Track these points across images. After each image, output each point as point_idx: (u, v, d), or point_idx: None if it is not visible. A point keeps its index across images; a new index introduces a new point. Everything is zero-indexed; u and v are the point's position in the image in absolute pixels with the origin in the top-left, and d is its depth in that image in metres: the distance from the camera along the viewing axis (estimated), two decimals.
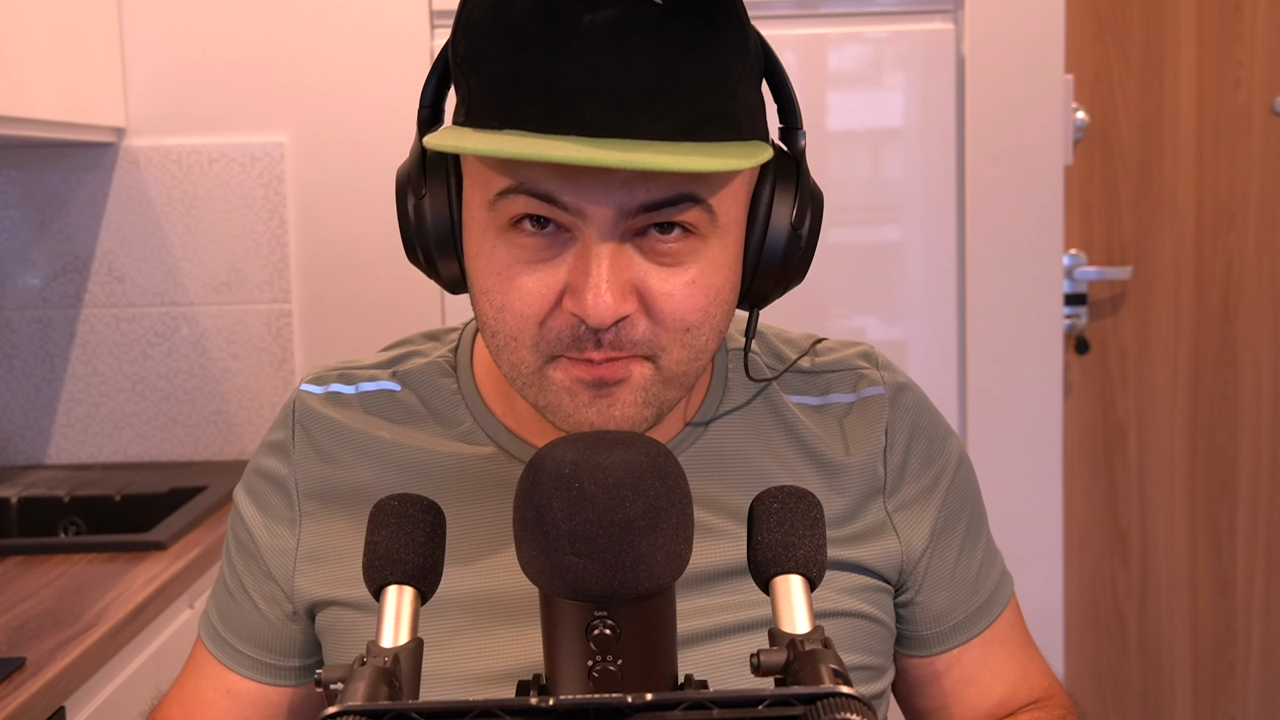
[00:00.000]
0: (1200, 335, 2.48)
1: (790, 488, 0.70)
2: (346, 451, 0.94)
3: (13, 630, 1.44)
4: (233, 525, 0.99)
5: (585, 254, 0.76)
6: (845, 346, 1.00)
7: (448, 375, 0.96)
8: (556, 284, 0.78)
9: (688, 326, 0.80)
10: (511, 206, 0.77)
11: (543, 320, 0.79)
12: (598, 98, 0.73)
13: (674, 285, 0.79)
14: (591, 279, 0.76)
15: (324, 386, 0.97)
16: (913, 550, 0.94)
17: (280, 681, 0.97)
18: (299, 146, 2.24)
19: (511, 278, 0.79)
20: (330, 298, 2.26)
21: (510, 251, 0.79)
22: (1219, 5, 2.41)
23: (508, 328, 0.80)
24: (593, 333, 0.78)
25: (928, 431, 0.98)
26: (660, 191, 0.76)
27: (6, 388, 2.28)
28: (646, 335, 0.79)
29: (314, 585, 0.93)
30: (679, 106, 0.75)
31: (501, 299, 0.79)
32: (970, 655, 0.98)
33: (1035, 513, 2.26)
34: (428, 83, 0.85)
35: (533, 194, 0.76)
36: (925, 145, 2.23)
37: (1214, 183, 2.45)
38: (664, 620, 0.64)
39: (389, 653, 0.62)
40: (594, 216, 0.76)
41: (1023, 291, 2.23)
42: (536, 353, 0.80)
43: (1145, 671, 2.55)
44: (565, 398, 0.80)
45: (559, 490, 0.61)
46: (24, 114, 1.87)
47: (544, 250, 0.78)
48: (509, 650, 0.87)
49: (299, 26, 2.22)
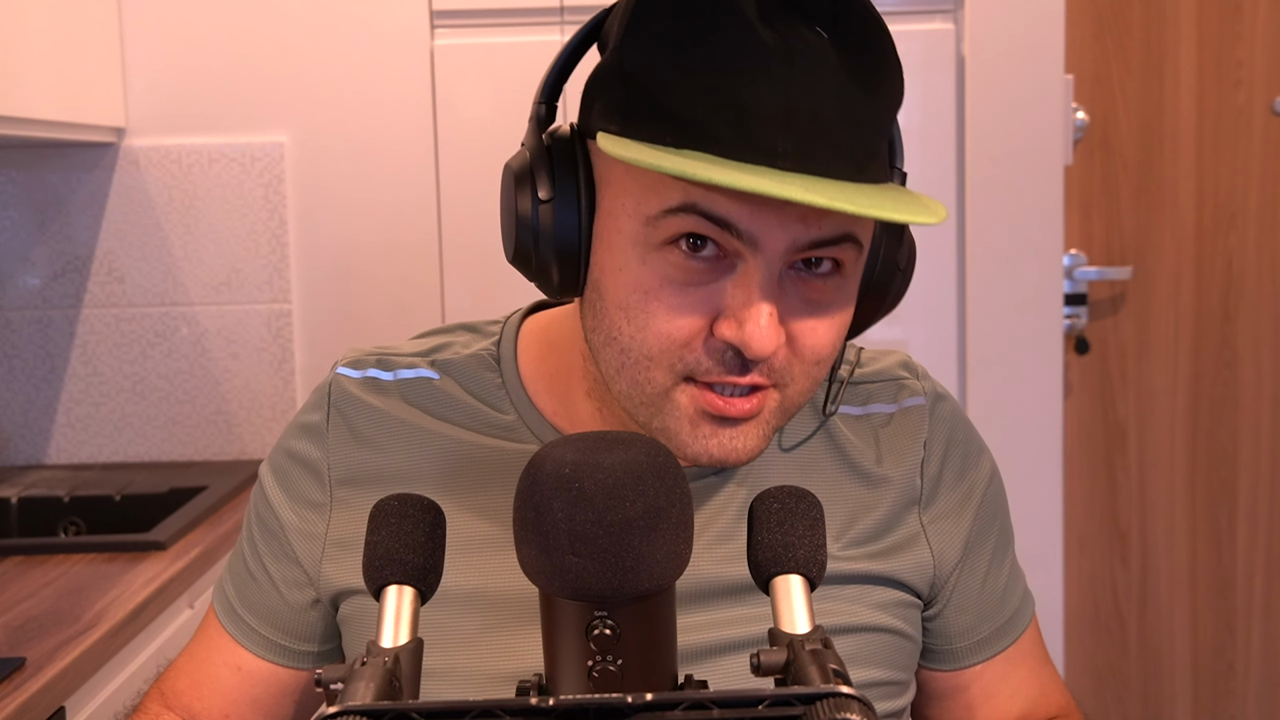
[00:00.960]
0: (1200, 335, 2.48)
1: (790, 488, 0.70)
2: (385, 437, 0.92)
3: (13, 630, 1.44)
4: (256, 504, 0.96)
5: (749, 283, 0.75)
6: (884, 355, 1.00)
7: (490, 369, 0.94)
8: (708, 309, 0.76)
9: (819, 360, 0.80)
10: (678, 224, 0.75)
11: (687, 343, 0.77)
12: (793, 127, 0.72)
13: (819, 322, 0.78)
14: (755, 310, 0.74)
15: (361, 371, 0.95)
16: (945, 563, 0.94)
17: (293, 664, 0.96)
18: (299, 146, 2.24)
19: (660, 297, 0.76)
20: (330, 298, 2.26)
21: (662, 270, 0.76)
22: (1219, 5, 2.41)
23: (646, 346, 0.78)
24: (740, 360, 0.77)
25: (964, 444, 0.97)
26: (830, 230, 0.75)
27: (6, 388, 2.28)
28: (785, 365, 0.79)
29: (342, 573, 0.91)
30: (855, 144, 0.74)
31: (645, 317, 0.77)
32: (993, 671, 0.98)
33: (1035, 513, 2.26)
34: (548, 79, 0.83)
35: (707, 215, 0.74)
36: (925, 145, 2.23)
37: (1214, 183, 2.45)
38: (664, 620, 0.64)
39: (389, 653, 0.62)
40: (766, 247, 0.74)
41: (1023, 291, 2.23)
42: (671, 374, 0.78)
43: (1145, 671, 2.55)
44: (685, 425, 0.79)
45: (559, 490, 0.61)
46: (24, 114, 1.87)
47: (699, 273, 0.76)
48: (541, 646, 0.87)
49: (299, 26, 2.22)
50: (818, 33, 0.73)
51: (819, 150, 0.72)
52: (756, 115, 0.72)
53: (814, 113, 0.72)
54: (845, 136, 0.73)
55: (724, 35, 0.72)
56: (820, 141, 0.72)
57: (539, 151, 0.81)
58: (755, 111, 0.72)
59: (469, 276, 2.23)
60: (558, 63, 0.83)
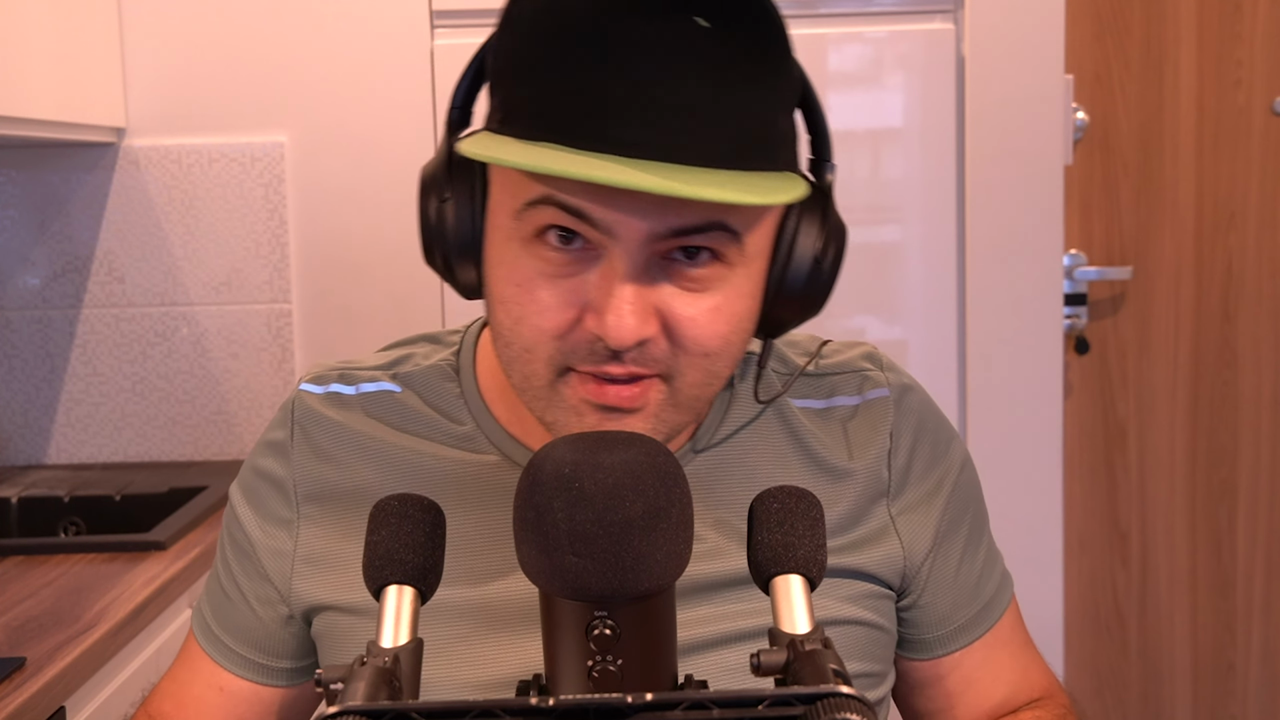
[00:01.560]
0: (1200, 335, 2.48)
1: (790, 488, 0.70)
2: (347, 453, 0.93)
3: (13, 630, 1.44)
4: (228, 524, 0.98)
5: (610, 273, 0.75)
6: (849, 348, 1.00)
7: (450, 379, 0.95)
8: (578, 300, 0.77)
9: (707, 352, 0.79)
10: (539, 217, 0.76)
11: (561, 335, 0.78)
12: (644, 117, 0.72)
13: (697, 311, 0.78)
14: (614, 300, 0.75)
15: (324, 386, 0.96)
16: (915, 555, 0.94)
17: (273, 682, 0.97)
18: (299, 146, 2.24)
19: (532, 290, 0.77)
20: (330, 298, 2.26)
21: (533, 263, 0.77)
22: (1219, 5, 2.41)
23: (523, 339, 0.79)
24: (610, 349, 0.77)
25: (932, 433, 0.97)
26: (693, 218, 0.75)
27: (6, 388, 2.28)
28: (666, 355, 0.78)
29: (312, 589, 0.92)
30: (722, 134, 0.73)
31: (520, 310, 0.78)
32: (972, 658, 0.98)
33: (1035, 513, 2.26)
34: (460, 83, 0.84)
35: (563, 207, 0.74)
36: (925, 145, 2.23)
37: (1214, 183, 2.45)
38: (664, 620, 0.64)
39: (389, 653, 0.62)
40: (624, 237, 0.74)
41: (1023, 291, 2.23)
42: (550, 366, 0.79)
43: (1145, 671, 2.55)
44: (572, 416, 0.80)
45: (559, 490, 0.61)
46: (24, 114, 1.87)
47: (568, 265, 0.77)
48: (510, 658, 0.87)
49: (299, 26, 2.22)
50: (696, 22, 0.73)
51: (679, 139, 0.72)
52: (609, 105, 0.72)
53: (674, 102, 0.72)
54: (713, 125, 0.73)
55: (585, 29, 0.73)
56: (680, 131, 0.72)
57: (443, 155, 0.83)
58: (608, 102, 0.72)
59: None
60: (470, 67, 0.84)
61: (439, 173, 0.82)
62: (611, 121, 0.72)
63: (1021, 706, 0.99)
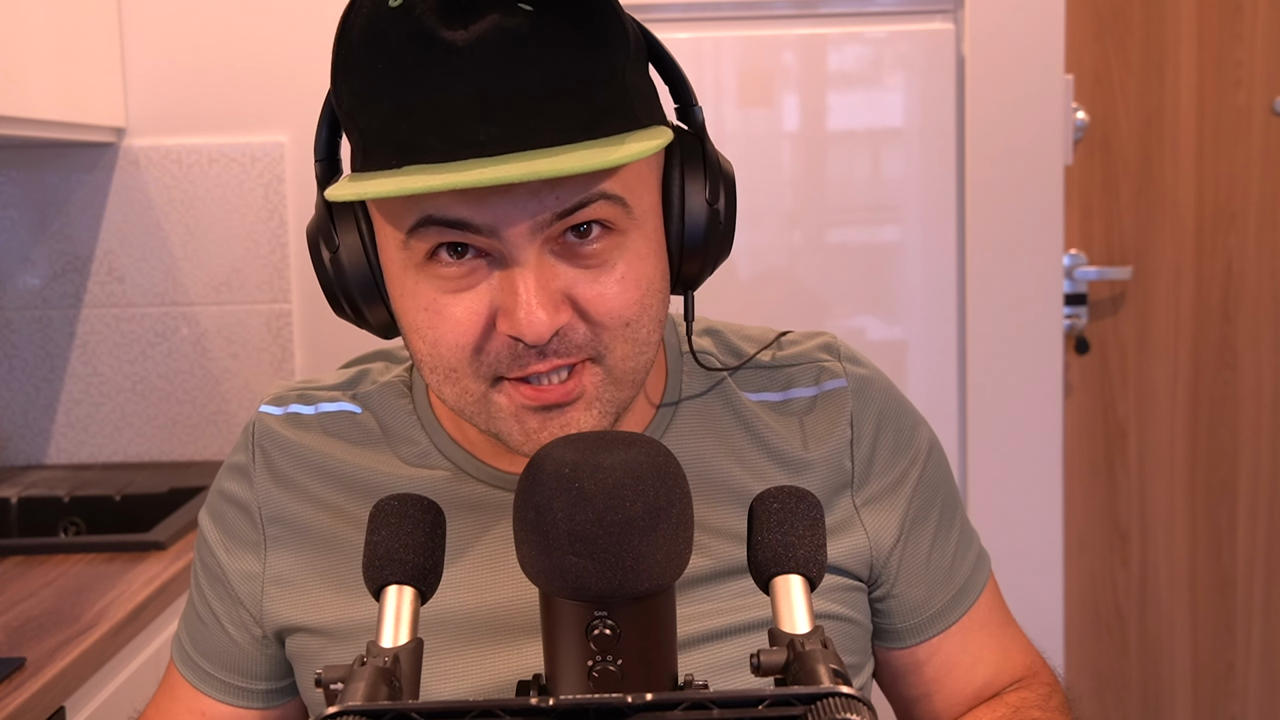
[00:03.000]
0: (1200, 335, 2.48)
1: (790, 488, 0.70)
2: (305, 474, 0.93)
3: (13, 630, 1.44)
4: (199, 549, 0.98)
5: (509, 274, 0.76)
6: (807, 339, 0.99)
7: (403, 395, 0.95)
8: (485, 308, 0.77)
9: (626, 322, 0.79)
10: (424, 240, 0.76)
11: (478, 347, 0.78)
12: (490, 114, 0.72)
13: (604, 286, 0.78)
14: (521, 297, 0.75)
15: (283, 407, 0.97)
16: (881, 545, 0.93)
17: (252, 705, 0.97)
18: (299, 146, 2.24)
19: (439, 310, 0.78)
20: None
21: (433, 284, 0.78)
22: (1219, 5, 2.41)
23: (445, 361, 0.79)
24: (531, 348, 0.77)
25: (895, 421, 0.96)
26: (569, 196, 0.75)
27: (6, 388, 2.28)
28: (587, 338, 0.78)
29: (282, 610, 0.92)
30: (572, 107, 0.74)
31: (433, 334, 0.78)
32: (951, 642, 0.97)
33: (1035, 513, 2.26)
34: (318, 136, 0.84)
35: (443, 223, 0.75)
36: (925, 145, 2.23)
37: (1214, 183, 2.45)
38: (664, 620, 0.64)
39: (389, 653, 0.62)
40: (509, 235, 0.75)
41: (1023, 291, 2.23)
42: (479, 379, 0.79)
43: (1145, 671, 2.55)
44: (514, 424, 0.80)
45: (559, 490, 0.61)
46: (24, 114, 1.87)
47: (466, 277, 0.77)
48: (478, 669, 0.87)
49: (299, 26, 2.22)
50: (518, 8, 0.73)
51: (531, 124, 0.73)
52: (452, 114, 0.72)
53: (513, 92, 0.72)
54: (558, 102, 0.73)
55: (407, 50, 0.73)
56: (527, 118, 0.73)
57: (321, 208, 0.83)
58: (452, 110, 0.72)
59: None
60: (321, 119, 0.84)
61: (321, 226, 0.83)
62: (460, 128, 0.72)
63: (1005, 688, 0.99)
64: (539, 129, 0.73)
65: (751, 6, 2.24)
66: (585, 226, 0.77)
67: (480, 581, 0.88)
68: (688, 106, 0.85)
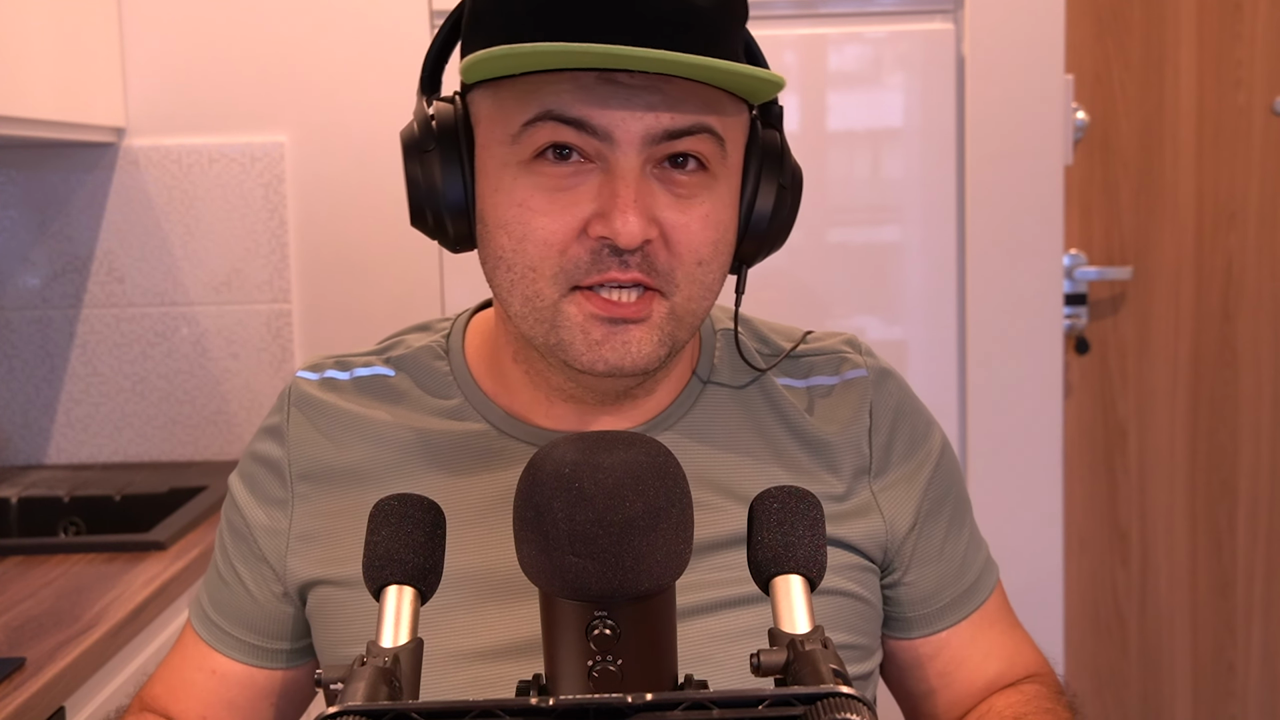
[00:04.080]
0: (1200, 335, 2.48)
1: (790, 487, 0.71)
2: (341, 431, 0.95)
3: (13, 630, 1.44)
4: (226, 510, 1.00)
5: (612, 178, 0.79)
6: (830, 335, 1.02)
7: (439, 358, 0.97)
8: (581, 212, 0.80)
9: (700, 260, 0.82)
10: (538, 136, 0.79)
11: (565, 248, 0.80)
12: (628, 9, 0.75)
13: (690, 217, 0.81)
14: (620, 200, 0.78)
15: (319, 373, 0.99)
16: (897, 530, 0.95)
17: (267, 664, 0.98)
18: (299, 146, 2.24)
19: (534, 206, 0.80)
20: (330, 298, 2.26)
21: (533, 180, 0.80)
22: (1219, 5, 2.41)
23: (527, 258, 0.81)
24: (617, 255, 0.79)
25: (910, 418, 0.99)
26: (683, 119, 0.79)
27: (6, 388, 2.28)
28: (665, 265, 0.81)
29: (306, 565, 0.93)
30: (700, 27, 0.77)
31: (522, 229, 0.81)
32: (960, 637, 0.98)
33: (1035, 513, 2.26)
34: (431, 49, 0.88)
35: (561, 119, 0.78)
36: (925, 145, 2.23)
37: (1214, 183, 2.45)
38: (664, 620, 0.64)
39: (389, 653, 0.62)
40: (622, 139, 0.78)
41: (1023, 291, 2.23)
42: (555, 284, 0.81)
43: (1145, 671, 2.55)
44: (579, 335, 0.82)
45: (559, 490, 0.61)
46: (24, 114, 1.87)
47: (566, 179, 0.80)
48: (500, 625, 0.88)
49: (299, 26, 2.22)
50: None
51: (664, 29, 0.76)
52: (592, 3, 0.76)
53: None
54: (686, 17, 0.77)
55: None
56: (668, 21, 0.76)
57: (421, 114, 0.86)
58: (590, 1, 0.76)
59: (469, 276, 2.23)
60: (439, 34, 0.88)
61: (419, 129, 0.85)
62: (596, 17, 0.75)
63: (1014, 683, 1.00)
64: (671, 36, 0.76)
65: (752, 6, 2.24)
66: (683, 159, 0.81)
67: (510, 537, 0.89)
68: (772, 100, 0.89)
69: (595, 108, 0.77)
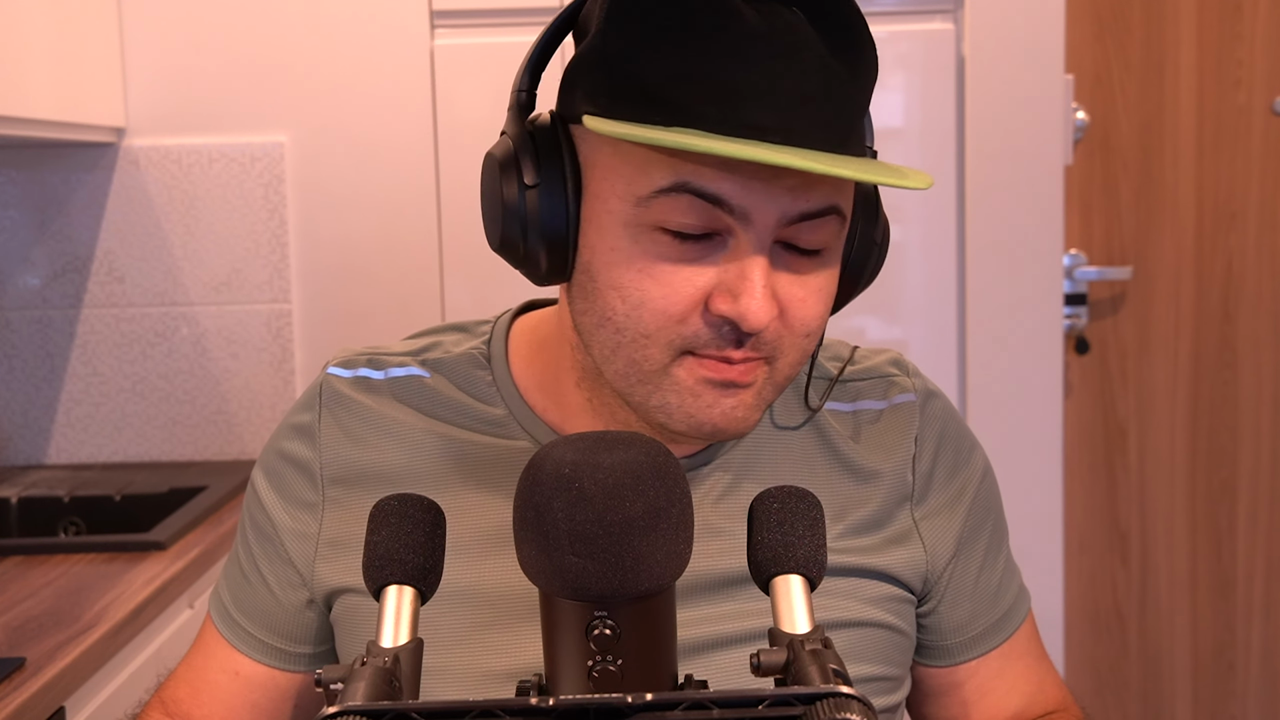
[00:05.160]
0: (1200, 335, 2.48)
1: (790, 488, 0.70)
2: (376, 435, 0.92)
3: (13, 630, 1.44)
4: (249, 507, 0.97)
5: (742, 256, 0.77)
6: (875, 354, 1.00)
7: (481, 367, 0.94)
8: (704, 283, 0.78)
9: (809, 332, 0.81)
10: (671, 206, 0.76)
11: (684, 319, 0.78)
12: (775, 102, 0.74)
13: (806, 292, 0.80)
14: (752, 284, 0.76)
15: (352, 370, 0.95)
16: (938, 560, 0.94)
17: (290, 667, 0.96)
18: (299, 146, 2.24)
19: (655, 275, 0.78)
20: (330, 298, 2.26)
21: (655, 248, 0.78)
22: (1219, 5, 2.41)
23: (642, 324, 0.79)
24: (736, 333, 0.78)
25: (955, 440, 0.97)
26: (817, 202, 0.77)
27: (6, 388, 2.28)
28: (775, 338, 0.80)
29: (335, 572, 0.91)
30: (836, 119, 0.76)
31: (640, 295, 0.78)
32: (989, 667, 0.98)
33: (1035, 513, 2.26)
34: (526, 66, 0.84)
35: (697, 193, 0.75)
36: (925, 145, 2.23)
37: (1214, 183, 2.45)
38: (664, 620, 0.64)
39: (389, 653, 0.62)
40: (757, 221, 0.76)
41: (1023, 291, 2.23)
42: (668, 350, 0.79)
43: (1145, 671, 2.55)
44: (688, 398, 0.80)
45: (559, 490, 0.61)
46: (24, 114, 1.87)
47: (691, 250, 0.78)
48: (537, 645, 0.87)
49: (299, 26, 2.22)
50: (795, 11, 0.75)
51: (803, 125, 0.74)
52: (741, 93, 0.74)
53: (797, 90, 0.74)
54: (827, 112, 0.75)
55: (706, 17, 0.74)
56: (804, 117, 0.74)
57: (522, 138, 0.82)
58: (740, 89, 0.74)
59: (469, 276, 2.23)
60: (536, 50, 0.84)
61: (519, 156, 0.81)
62: (744, 108, 0.74)
63: (1037, 718, 0.99)
64: (813, 130, 0.75)
65: None
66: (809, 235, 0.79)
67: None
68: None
69: (737, 187, 0.75)
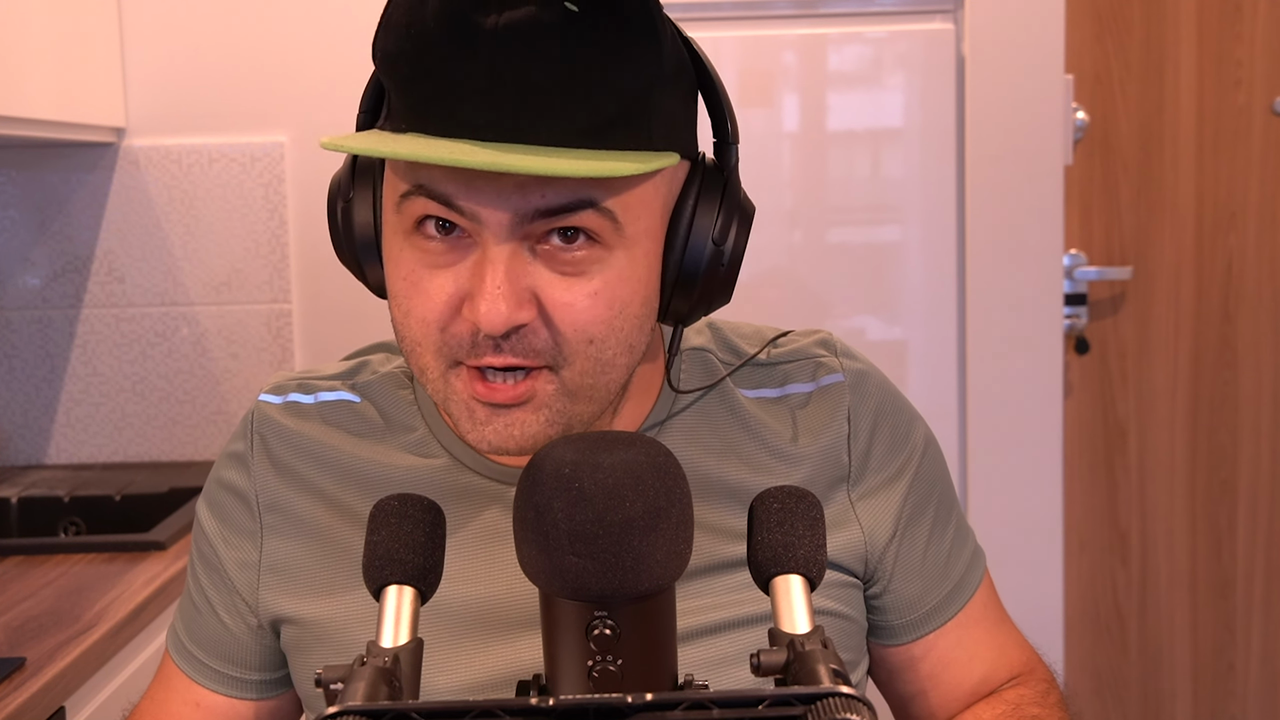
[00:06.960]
0: (1200, 335, 2.48)
1: (790, 488, 0.70)
2: (304, 463, 0.93)
3: (13, 630, 1.44)
4: (195, 538, 0.98)
5: (481, 260, 0.75)
6: (804, 336, 0.98)
7: (404, 386, 0.95)
8: (458, 290, 0.77)
9: (590, 339, 0.77)
10: (413, 208, 0.77)
11: (444, 326, 0.78)
12: (494, 100, 0.72)
13: (575, 296, 0.76)
14: (485, 285, 0.74)
15: (283, 396, 0.97)
16: (876, 541, 0.93)
17: (247, 695, 0.96)
18: (299, 146, 2.24)
19: (416, 282, 0.78)
20: (330, 298, 2.26)
21: (415, 255, 0.78)
22: (1219, 5, 2.41)
23: (413, 333, 0.79)
24: (490, 339, 0.76)
25: (892, 417, 0.96)
26: (557, 196, 0.74)
27: (6, 388, 2.28)
28: (547, 344, 0.77)
29: (278, 599, 0.92)
30: (578, 110, 0.73)
31: (407, 303, 0.79)
32: (946, 639, 0.97)
33: (1035, 513, 2.26)
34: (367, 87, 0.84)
35: (432, 195, 0.75)
36: (925, 145, 2.23)
37: (1214, 183, 2.45)
38: (664, 620, 0.64)
39: (389, 653, 0.62)
40: (489, 221, 0.75)
41: (1023, 291, 2.23)
42: (439, 359, 0.79)
43: (1145, 671, 2.55)
44: (464, 412, 0.79)
45: (559, 490, 0.61)
46: (24, 114, 1.87)
47: (446, 254, 0.77)
48: (470, 662, 0.87)
49: (299, 26, 2.22)
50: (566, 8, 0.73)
51: (533, 119, 0.73)
52: (462, 90, 0.73)
53: (521, 84, 0.72)
54: (568, 104, 0.73)
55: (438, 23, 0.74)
56: (533, 111, 0.73)
57: (346, 159, 0.85)
58: (461, 86, 0.73)
59: None
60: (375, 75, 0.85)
61: (343, 176, 0.84)
62: (464, 105, 0.73)
63: (1002, 685, 0.99)
64: (538, 126, 0.73)
65: (751, 6, 2.24)
66: (571, 232, 0.76)
67: (473, 574, 0.88)
68: (724, 144, 0.84)
69: (462, 187, 0.74)
